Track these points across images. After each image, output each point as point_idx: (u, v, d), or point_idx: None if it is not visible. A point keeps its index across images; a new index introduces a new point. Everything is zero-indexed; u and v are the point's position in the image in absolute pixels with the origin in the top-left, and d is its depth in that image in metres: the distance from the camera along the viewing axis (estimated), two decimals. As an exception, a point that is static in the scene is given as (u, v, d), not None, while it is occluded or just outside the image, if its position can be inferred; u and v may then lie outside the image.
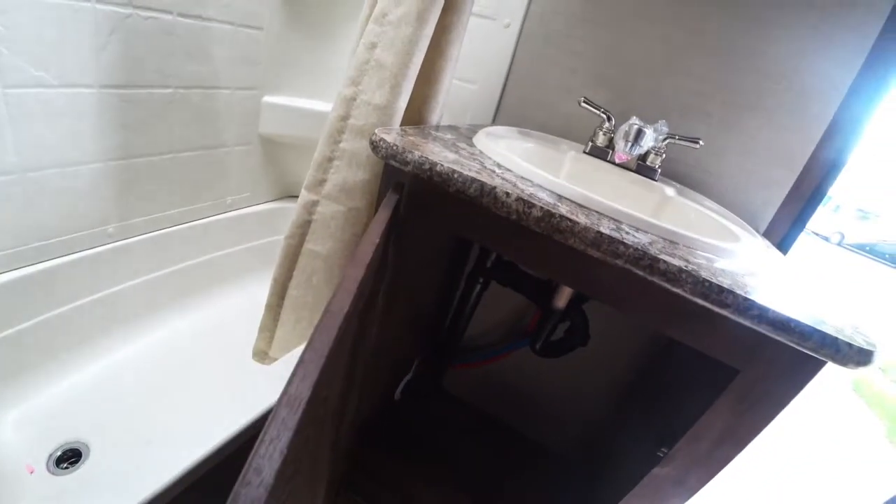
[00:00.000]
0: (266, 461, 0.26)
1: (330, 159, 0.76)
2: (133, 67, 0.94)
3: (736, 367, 0.49)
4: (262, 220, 1.41)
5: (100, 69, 0.89)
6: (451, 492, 1.03)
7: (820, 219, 10.54)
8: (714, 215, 0.74)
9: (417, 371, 1.23)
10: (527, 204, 0.46)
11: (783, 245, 0.94)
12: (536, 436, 1.22)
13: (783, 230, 0.93)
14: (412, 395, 1.21)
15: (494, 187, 0.47)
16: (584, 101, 0.85)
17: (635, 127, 0.75)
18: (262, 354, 0.94)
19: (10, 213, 0.86)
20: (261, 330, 0.92)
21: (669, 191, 0.81)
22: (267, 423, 0.28)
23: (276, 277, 0.87)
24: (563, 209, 0.47)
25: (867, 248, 10.28)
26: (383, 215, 0.49)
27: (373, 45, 0.71)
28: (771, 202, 0.90)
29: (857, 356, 0.41)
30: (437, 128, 0.77)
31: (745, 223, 0.74)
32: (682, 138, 0.81)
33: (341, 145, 0.75)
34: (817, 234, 10.66)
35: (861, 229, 10.82)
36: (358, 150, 0.73)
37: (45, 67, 0.82)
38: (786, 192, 0.89)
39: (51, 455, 0.91)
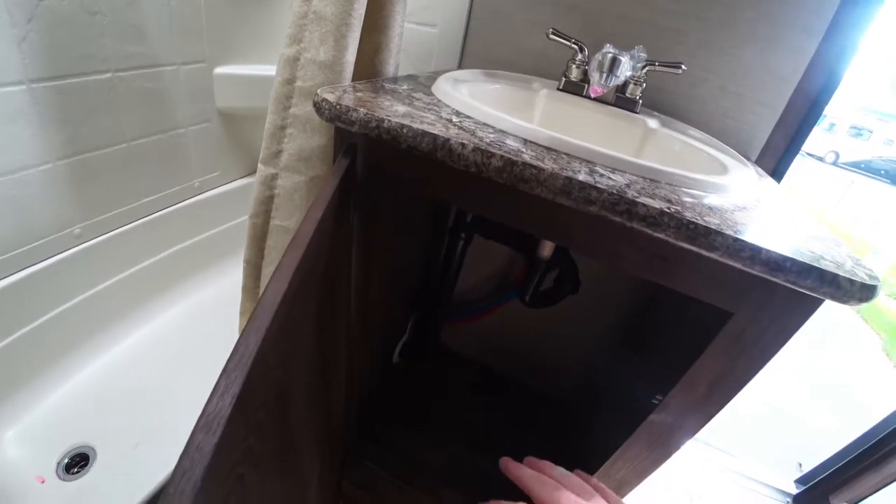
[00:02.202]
0: (177, 500, 0.22)
1: (282, 128, 0.70)
2: (61, 56, 0.86)
3: (729, 310, 0.45)
4: (234, 199, 1.35)
5: (25, 63, 0.81)
6: (458, 448, 1.03)
7: (814, 139, 10.38)
8: (701, 146, 0.69)
9: (413, 332, 1.21)
10: (485, 154, 0.41)
11: (777, 171, 0.89)
12: (537, 385, 1.22)
13: (777, 155, 0.88)
14: (411, 356, 1.20)
15: (448, 139, 0.42)
16: (553, 33, 0.77)
17: (609, 56, 0.68)
18: (249, 338, 0.92)
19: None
20: (242, 314, 0.90)
21: (652, 123, 0.75)
22: (182, 451, 0.24)
23: (247, 259, 0.83)
24: (528, 155, 0.42)
25: (862, 166, 10.19)
26: (331, 186, 0.44)
27: (309, -5, 0.63)
28: (762, 126, 0.85)
29: (859, 292, 0.37)
30: (394, 79, 0.70)
31: (734, 152, 0.68)
32: (662, 64, 0.74)
33: (291, 111, 0.69)
34: (812, 155, 10.54)
35: (856, 147, 10.67)
36: (310, 114, 0.67)
37: (-36, 70, 0.74)
38: (778, 114, 0.83)
39: (59, 462, 0.91)
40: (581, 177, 0.40)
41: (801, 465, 1.36)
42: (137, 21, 0.96)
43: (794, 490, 1.31)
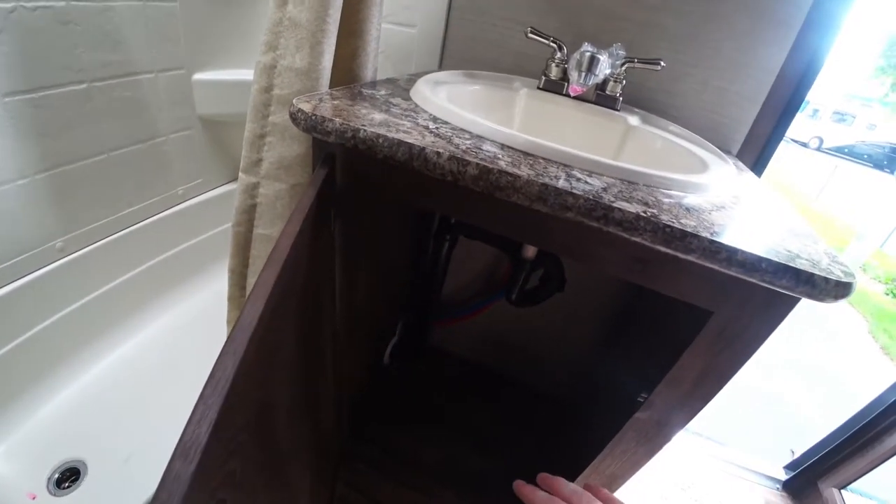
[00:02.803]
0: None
1: (261, 136, 0.70)
2: (35, 68, 0.85)
3: (710, 308, 0.46)
4: (219, 206, 1.34)
5: (-7, 76, 0.80)
6: (452, 446, 1.04)
7: (798, 125, 10.50)
8: (682, 142, 0.69)
9: (402, 334, 1.21)
10: (461, 162, 0.41)
11: (759, 163, 0.90)
12: (528, 382, 1.23)
13: (758, 147, 0.89)
14: (401, 358, 1.20)
15: (423, 148, 0.42)
16: (532, 32, 0.77)
17: (587, 54, 0.68)
18: (237, 346, 0.91)
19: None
20: (229, 322, 0.89)
21: (633, 120, 0.75)
22: (160, 480, 0.24)
23: (231, 268, 0.82)
24: (504, 162, 0.42)
25: (846, 151, 10.33)
26: (308, 197, 0.44)
27: (283, 2, 0.63)
28: (743, 120, 0.85)
29: (834, 290, 0.38)
30: (373, 84, 0.69)
31: (713, 147, 0.69)
32: (641, 61, 0.74)
33: (270, 119, 0.68)
34: (795, 141, 10.65)
35: (840, 132, 10.80)
36: (288, 122, 0.66)
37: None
38: (758, 107, 0.84)
39: (49, 478, 0.90)
40: (557, 183, 0.40)
41: (793, 452, 1.38)
42: (112, 29, 0.95)
43: (784, 476, 1.33)
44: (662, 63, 0.74)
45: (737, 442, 1.45)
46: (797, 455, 1.35)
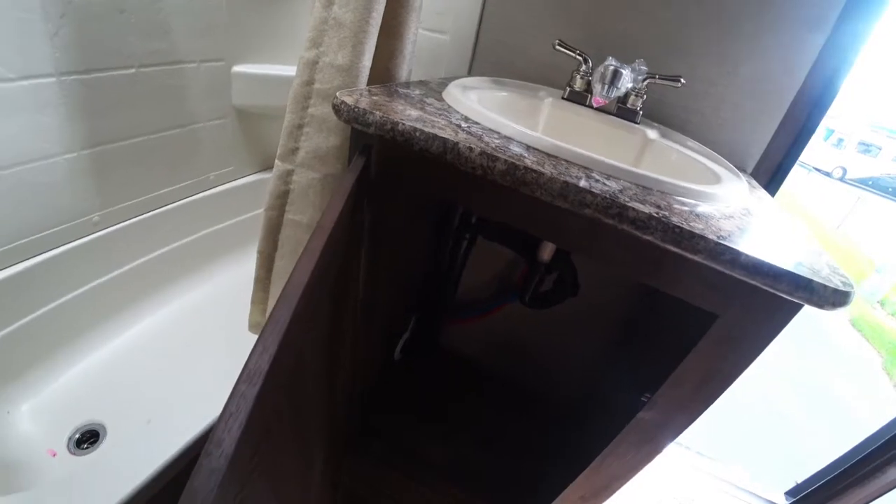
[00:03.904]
0: (226, 434, 0.26)
1: (300, 126, 0.74)
2: (90, 51, 0.90)
3: (714, 311, 0.49)
4: (247, 193, 1.39)
5: (56, 56, 0.85)
6: (457, 444, 1.07)
7: (822, 154, 10.36)
8: (697, 156, 0.72)
9: (414, 330, 1.24)
10: (490, 158, 0.44)
11: (773, 183, 0.92)
12: (533, 385, 1.25)
13: (772, 168, 0.91)
14: (411, 354, 1.23)
15: (457, 143, 0.46)
16: (559, 44, 0.81)
17: (611, 68, 0.71)
18: (258, 326, 0.95)
19: (-12, 214, 0.85)
20: (253, 302, 0.93)
21: (652, 133, 0.78)
22: (228, 398, 0.28)
23: (261, 250, 0.87)
24: (530, 160, 0.45)
25: (870, 182, 10.17)
26: (348, 182, 0.48)
27: (329, 3, 0.67)
28: (759, 138, 0.87)
29: (832, 297, 0.40)
30: (407, 84, 0.74)
31: (728, 163, 0.71)
32: (662, 77, 0.78)
33: (309, 111, 0.73)
34: (818, 170, 10.51)
35: (864, 163, 10.64)
36: (326, 114, 0.71)
37: (0, 62, 0.78)
38: (775, 126, 0.86)
39: (70, 438, 0.95)
40: (578, 182, 0.43)
41: (797, 481, 1.38)
42: (162, 19, 1.01)
43: (785, 502, 1.33)
44: (682, 80, 0.77)
45: (741, 461, 1.45)
46: (799, 482, 1.35)
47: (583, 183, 0.43)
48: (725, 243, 0.41)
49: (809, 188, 8.78)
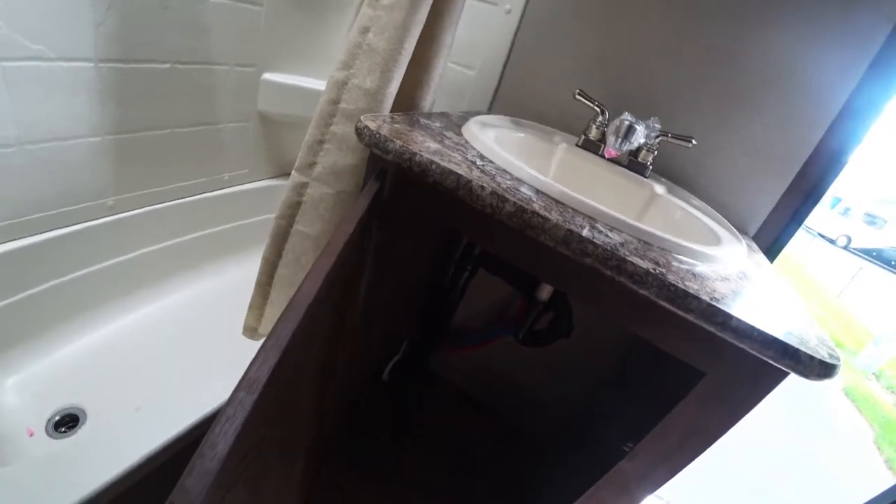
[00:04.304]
0: (221, 437, 0.28)
1: (320, 142, 0.77)
2: (130, 42, 0.94)
3: (702, 369, 0.50)
4: (258, 198, 1.41)
5: (98, 43, 0.89)
6: (433, 467, 1.06)
7: (827, 221, 10.45)
8: (700, 215, 0.74)
9: (406, 352, 1.25)
10: (500, 198, 0.46)
11: (773, 248, 0.93)
12: (518, 420, 1.24)
13: (774, 233, 0.92)
14: (400, 376, 1.23)
15: (470, 181, 0.48)
16: (579, 94, 0.84)
17: (626, 123, 0.74)
18: (252, 331, 0.96)
19: (9, 185, 0.87)
20: (250, 307, 0.94)
21: (659, 188, 0.81)
22: (226, 402, 0.29)
23: (265, 256, 0.88)
24: (537, 205, 0.47)
25: (874, 254, 10.21)
26: (361, 204, 0.49)
27: (365, 29, 0.70)
28: (764, 204, 0.90)
29: (818, 368, 0.42)
30: (429, 115, 0.76)
31: (730, 226, 0.73)
32: (674, 136, 0.81)
33: (332, 129, 0.75)
34: (823, 237, 10.57)
35: (869, 234, 10.71)
36: (348, 134, 0.73)
37: (44, 41, 0.82)
38: (780, 194, 0.88)
39: (49, 419, 0.94)
40: (581, 231, 0.45)
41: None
42: (203, 20, 1.05)
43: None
44: (694, 141, 0.80)
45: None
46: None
47: (586, 233, 0.45)
48: (718, 305, 0.42)
49: (813, 254, 8.82)
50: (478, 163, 0.55)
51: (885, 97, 0.79)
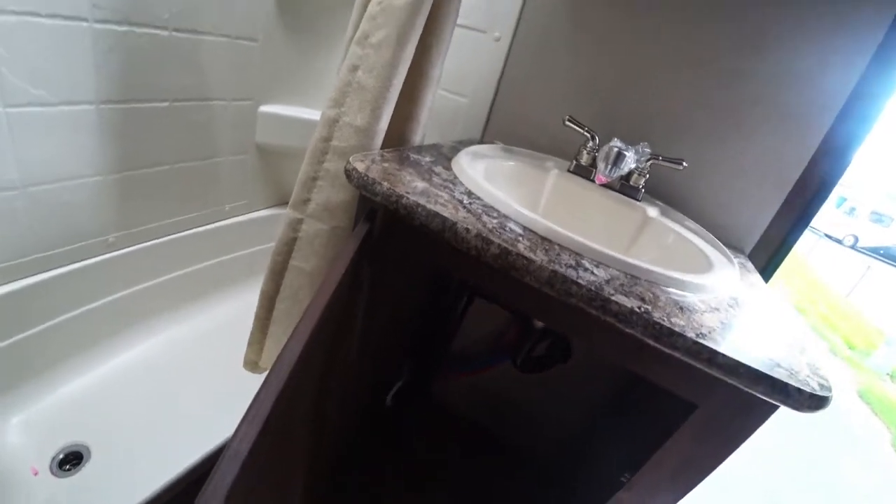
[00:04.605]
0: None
1: (314, 179, 0.78)
2: (130, 82, 0.96)
3: (694, 402, 0.50)
4: (259, 227, 1.43)
5: (98, 85, 0.91)
6: (436, 496, 1.05)
7: (833, 221, 10.37)
8: (693, 238, 0.74)
9: (408, 378, 1.25)
10: (485, 241, 0.47)
11: (771, 264, 0.93)
12: (519, 445, 1.24)
13: (770, 251, 0.92)
14: (402, 401, 1.23)
15: (455, 223, 0.48)
16: (569, 120, 0.85)
17: (615, 150, 0.75)
18: (253, 364, 0.97)
19: (12, 227, 0.89)
20: (250, 342, 0.95)
21: (652, 211, 0.81)
22: (231, 438, 0.30)
23: (264, 290, 0.89)
24: (522, 245, 0.48)
25: (882, 252, 10.11)
26: (353, 244, 0.50)
27: (355, 68, 0.72)
28: (759, 222, 0.89)
29: (808, 402, 0.42)
30: (420, 148, 0.78)
31: (724, 248, 0.73)
32: (665, 159, 0.81)
33: (325, 165, 0.77)
34: (830, 237, 10.49)
35: (876, 232, 10.62)
36: (340, 171, 0.75)
37: (45, 86, 0.84)
38: (774, 211, 0.88)
39: (54, 458, 0.95)
40: (565, 271, 0.45)
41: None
42: (200, 59, 1.07)
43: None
44: (685, 164, 0.80)
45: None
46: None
47: (570, 272, 0.45)
48: (703, 342, 0.42)
49: (820, 254, 8.74)
50: (465, 201, 0.56)
51: (881, 102, 0.78)
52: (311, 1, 1.20)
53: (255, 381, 0.93)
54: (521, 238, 0.50)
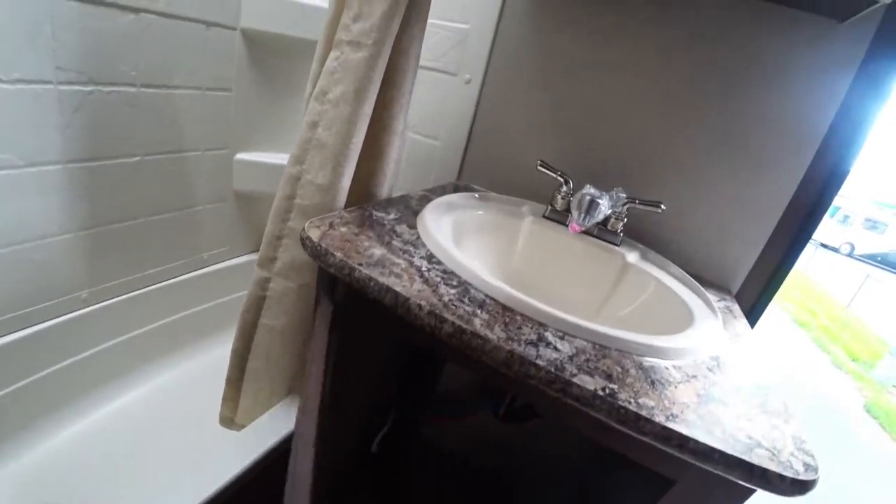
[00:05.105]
0: None
1: (279, 238, 0.76)
2: (98, 140, 0.95)
3: (672, 477, 0.46)
4: (239, 274, 1.40)
5: (65, 145, 0.90)
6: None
7: (829, 231, 10.40)
8: (674, 286, 0.71)
9: (394, 424, 1.21)
10: (439, 319, 0.44)
11: (760, 302, 0.90)
12: (511, 488, 1.18)
13: (759, 287, 0.89)
14: (389, 447, 1.19)
15: (408, 299, 0.46)
16: (541, 165, 0.83)
17: (587, 198, 0.72)
18: (229, 421, 0.94)
19: (-20, 288, 0.86)
20: (224, 399, 0.92)
21: (631, 256, 0.78)
22: None
23: (235, 349, 0.87)
24: (479, 321, 0.45)
25: (879, 258, 10.11)
26: (319, 311, 0.47)
27: (314, 124, 0.71)
28: (745, 260, 0.87)
29: (790, 488, 0.38)
30: (386, 203, 0.75)
31: (706, 296, 0.69)
32: (642, 202, 0.79)
33: (289, 224, 0.75)
34: (826, 247, 10.50)
35: (871, 240, 10.65)
36: (304, 228, 0.73)
37: (11, 150, 0.83)
38: (760, 248, 0.86)
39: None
40: (523, 350, 0.42)
41: None
42: (170, 112, 1.06)
43: None
44: (663, 206, 0.78)
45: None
46: None
47: (529, 351, 0.43)
48: (673, 427, 0.39)
49: (818, 265, 8.72)
50: (424, 268, 0.54)
51: (860, 142, 0.77)
52: (280, 49, 1.19)
53: (230, 435, 0.90)
54: (479, 311, 0.47)
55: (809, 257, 8.68)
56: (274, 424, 0.87)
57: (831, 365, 4.79)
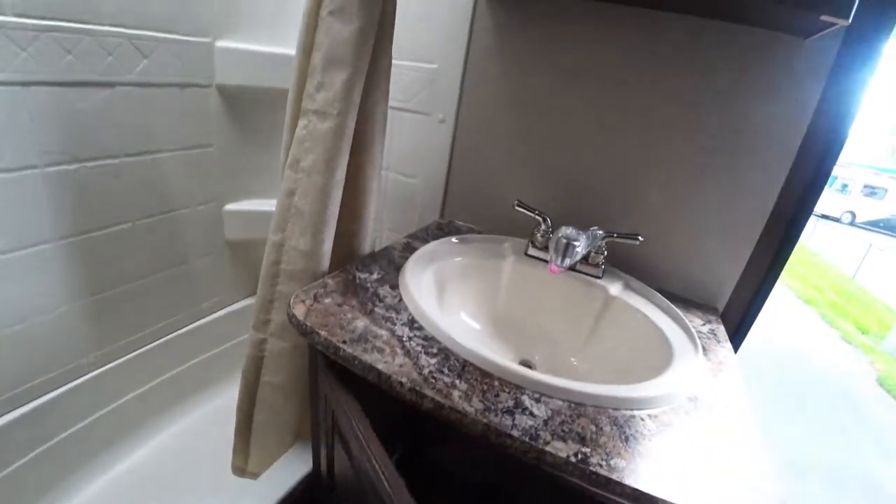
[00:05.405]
0: None
1: (270, 301, 0.79)
2: (89, 213, 0.97)
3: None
4: (238, 318, 1.43)
5: (55, 223, 0.92)
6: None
7: (828, 201, 10.36)
8: (657, 317, 0.72)
9: (404, 450, 1.22)
10: (419, 395, 0.47)
11: (747, 318, 0.91)
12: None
13: (745, 301, 0.90)
14: (402, 472, 1.20)
15: (390, 376, 0.48)
16: (518, 205, 0.86)
17: (563, 242, 0.74)
18: (241, 470, 0.96)
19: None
20: (235, 450, 0.94)
21: (614, 289, 0.80)
22: None
23: (239, 407, 0.90)
24: (458, 393, 0.48)
25: (881, 224, 10.07)
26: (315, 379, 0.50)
27: (291, 192, 0.73)
28: (729, 277, 0.88)
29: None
30: (372, 257, 0.78)
31: (689, 326, 0.71)
32: (620, 236, 0.81)
33: (278, 288, 0.77)
34: (827, 217, 10.46)
35: (871, 206, 10.61)
36: (292, 292, 0.75)
37: (2, 236, 0.85)
38: (743, 264, 0.87)
39: None
40: (499, 421, 0.45)
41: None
42: (157, 176, 1.08)
43: None
44: (640, 238, 0.80)
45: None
46: None
47: (505, 421, 0.45)
48: (644, 490, 0.41)
49: (820, 236, 8.69)
50: (405, 336, 0.56)
51: (837, 149, 0.77)
52: (256, 100, 1.21)
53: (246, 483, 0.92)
54: (458, 381, 0.50)
55: (812, 230, 8.65)
56: (289, 467, 0.89)
57: (841, 340, 4.78)
